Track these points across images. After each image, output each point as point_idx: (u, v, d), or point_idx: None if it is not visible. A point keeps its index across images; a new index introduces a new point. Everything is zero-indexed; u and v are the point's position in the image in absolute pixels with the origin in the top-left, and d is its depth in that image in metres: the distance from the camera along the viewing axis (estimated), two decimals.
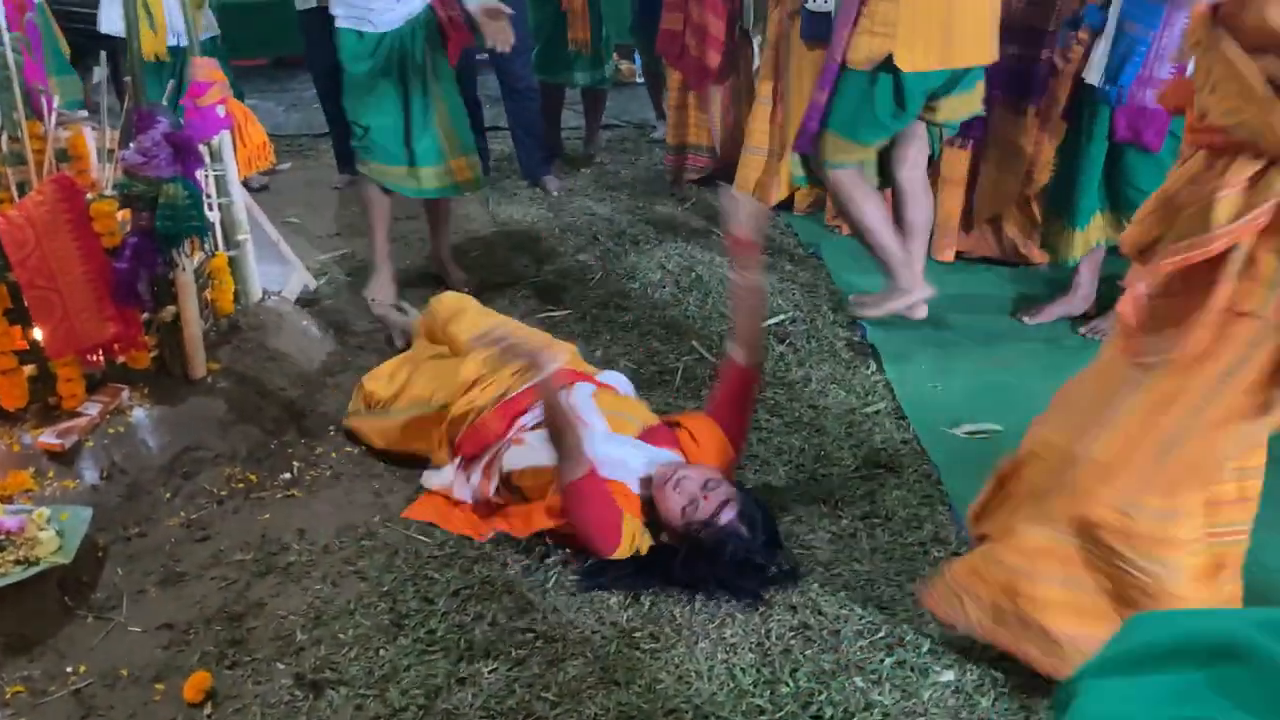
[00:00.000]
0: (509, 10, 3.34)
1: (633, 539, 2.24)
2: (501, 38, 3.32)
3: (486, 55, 3.96)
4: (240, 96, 4.44)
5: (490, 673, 1.99)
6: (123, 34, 4.11)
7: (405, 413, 2.69)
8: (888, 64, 2.95)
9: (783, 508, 2.47)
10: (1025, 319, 3.50)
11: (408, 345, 3.18)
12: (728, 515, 2.20)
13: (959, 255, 4.03)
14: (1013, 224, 3.97)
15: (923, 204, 3.34)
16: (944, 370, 3.13)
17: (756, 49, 4.66)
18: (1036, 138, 3.77)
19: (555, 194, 4.89)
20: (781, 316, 3.53)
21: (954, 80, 3.07)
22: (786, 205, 4.63)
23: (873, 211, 3.20)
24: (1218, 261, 1.62)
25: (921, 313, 3.31)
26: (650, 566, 2.24)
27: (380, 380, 2.80)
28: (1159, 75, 3.00)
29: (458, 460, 2.52)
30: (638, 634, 2.07)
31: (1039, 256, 3.95)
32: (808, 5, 4.13)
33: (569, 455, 2.20)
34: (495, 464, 2.44)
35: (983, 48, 3.06)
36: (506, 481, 2.44)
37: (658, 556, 2.26)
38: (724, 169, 4.85)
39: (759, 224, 2.42)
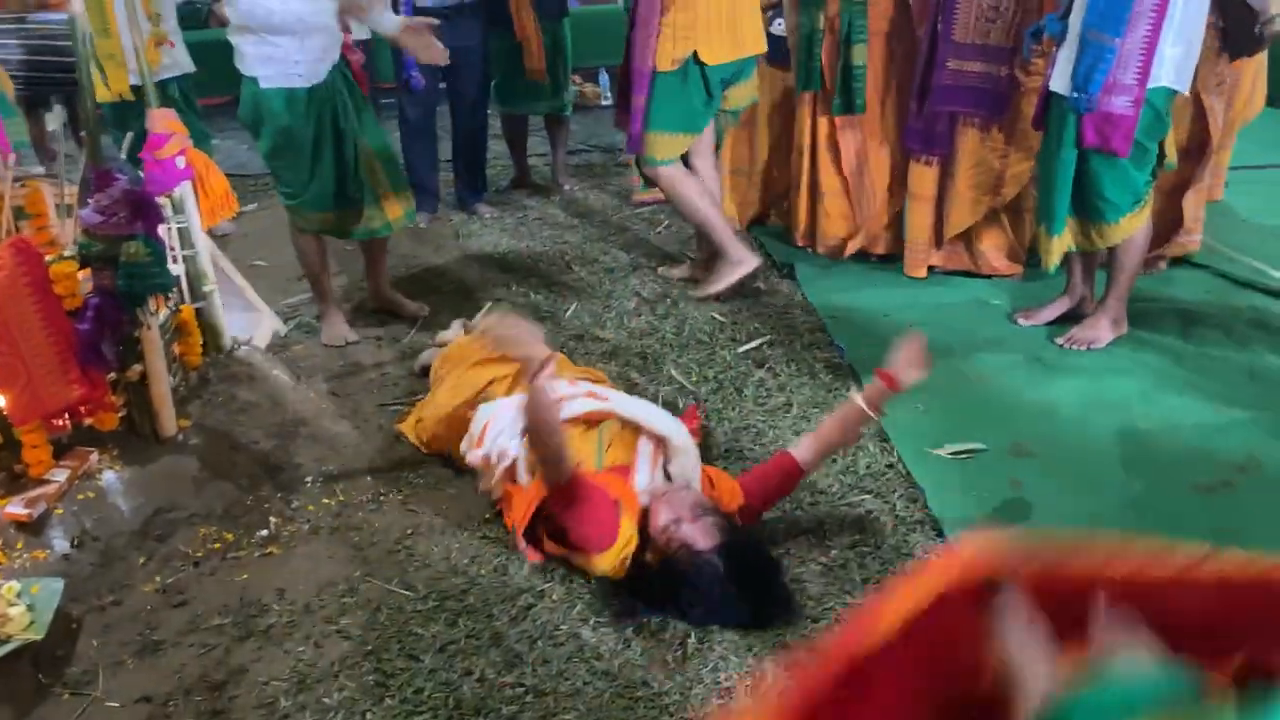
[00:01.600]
0: (432, 21, 3.27)
1: (627, 541, 2.23)
2: (430, 52, 3.26)
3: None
4: (205, 140, 4.41)
5: None
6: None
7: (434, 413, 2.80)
8: (690, 62, 3.54)
9: (772, 540, 2.44)
10: (1021, 320, 3.53)
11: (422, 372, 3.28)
12: (706, 544, 2.17)
13: (931, 270, 4.03)
14: (984, 237, 3.98)
15: (714, 182, 3.96)
16: (924, 389, 3.08)
17: None
18: (1003, 151, 3.80)
19: (488, 219, 4.93)
20: (759, 340, 3.50)
21: (740, 70, 3.72)
22: (758, 222, 4.62)
23: (700, 196, 3.79)
24: None
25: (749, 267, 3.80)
26: (635, 586, 2.23)
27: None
28: (1124, 81, 3.02)
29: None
30: (631, 683, 2.03)
31: (1010, 268, 3.97)
32: (771, 29, 4.15)
33: (553, 458, 2.20)
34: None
35: (759, 40, 3.76)
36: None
37: (634, 574, 2.25)
38: None
39: (915, 370, 2.47)
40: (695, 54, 3.53)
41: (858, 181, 4.16)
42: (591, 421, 2.52)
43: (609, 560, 2.25)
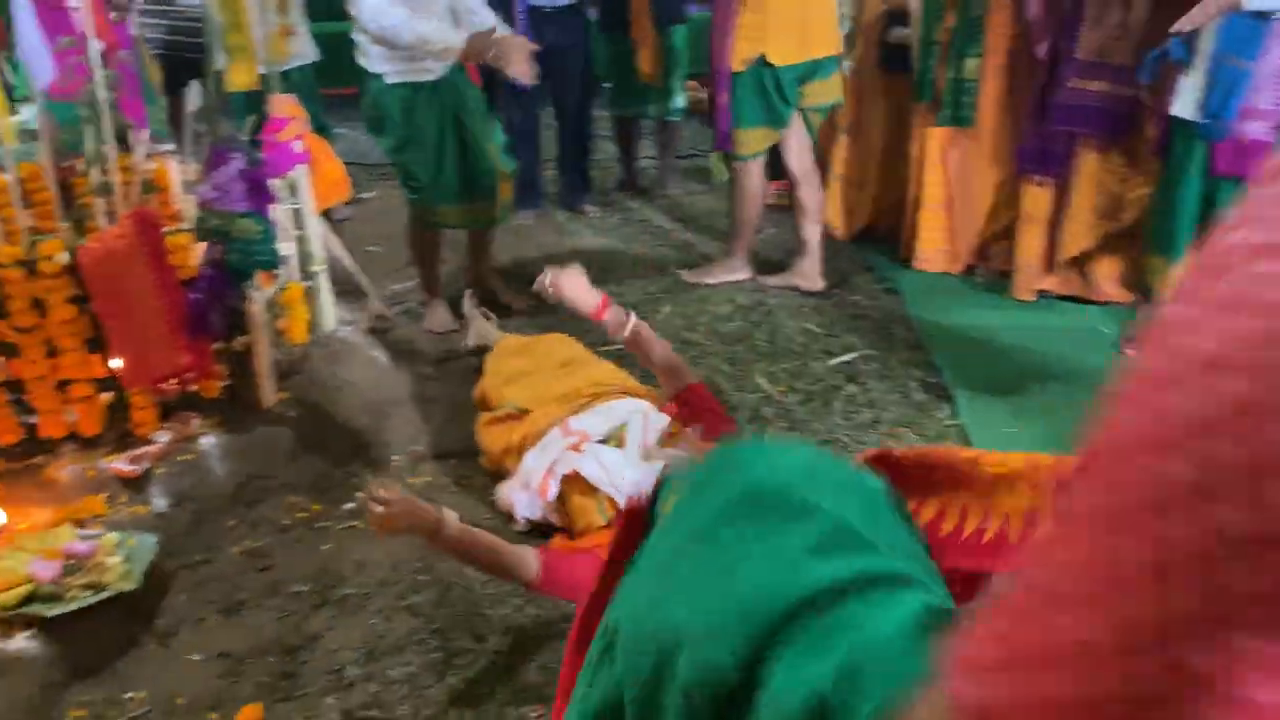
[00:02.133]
0: (532, 45, 3.25)
1: None
2: (523, 71, 3.20)
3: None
4: (324, 130, 4.58)
5: (538, 717, 1.96)
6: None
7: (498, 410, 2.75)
8: (760, 62, 3.65)
9: None
10: (1130, 351, 3.37)
11: (479, 349, 3.30)
12: None
13: (1041, 294, 3.90)
14: (1099, 262, 3.83)
15: (814, 184, 3.98)
16: (1021, 413, 3.02)
17: None
18: (1124, 175, 3.64)
19: (593, 218, 4.99)
20: (853, 354, 3.45)
21: (813, 70, 3.76)
22: (867, 231, 4.55)
23: (759, 199, 4.02)
24: None
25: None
26: None
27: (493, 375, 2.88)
28: (1260, 106, 2.87)
29: (518, 473, 2.51)
30: None
31: (1125, 296, 3.81)
32: (888, 38, 4.10)
33: (505, 568, 2.02)
34: (555, 468, 2.42)
35: (830, 42, 3.81)
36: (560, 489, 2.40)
37: None
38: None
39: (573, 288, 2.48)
40: (763, 56, 3.66)
41: (962, 197, 4.06)
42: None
43: None
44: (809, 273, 3.99)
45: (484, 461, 2.80)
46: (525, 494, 2.48)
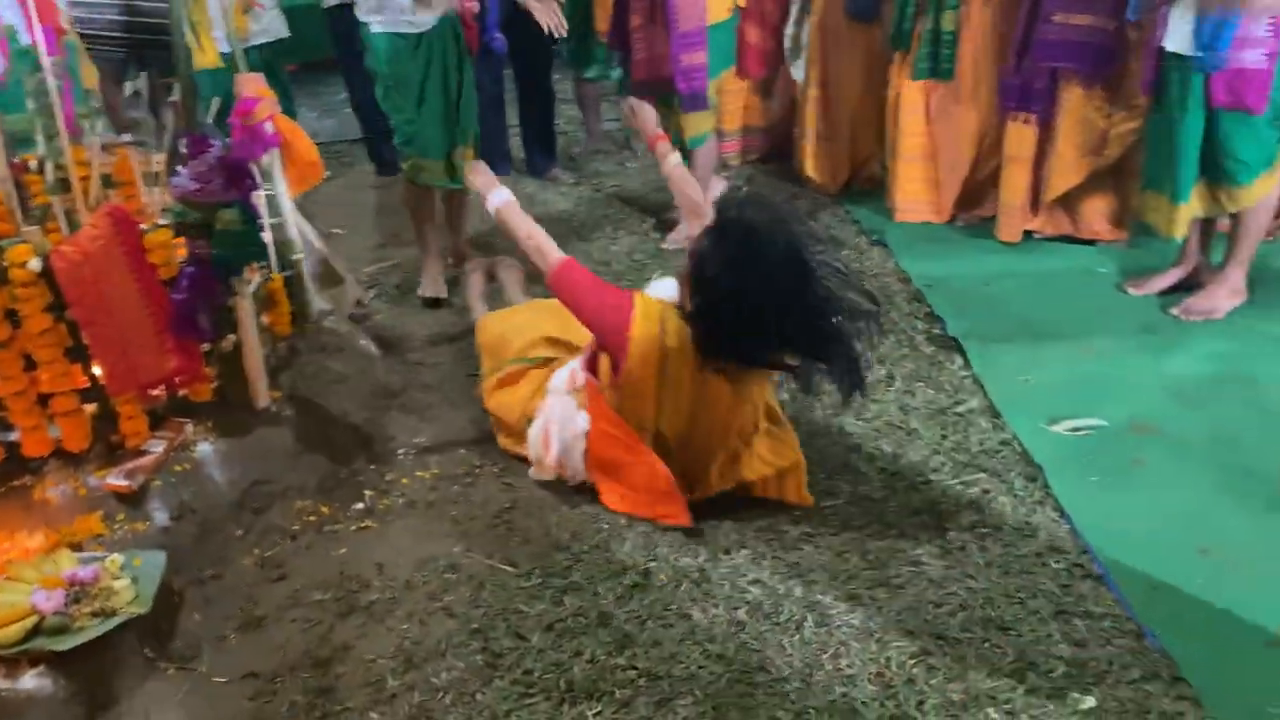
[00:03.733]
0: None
1: (648, 315, 2.26)
2: (554, 21, 3.49)
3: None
4: (291, 112, 4.39)
5: (595, 715, 1.88)
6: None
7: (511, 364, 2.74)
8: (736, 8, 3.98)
9: (884, 521, 2.34)
10: (1131, 290, 3.38)
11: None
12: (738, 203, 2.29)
13: (1031, 235, 3.86)
14: (1086, 200, 3.80)
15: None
16: (1034, 361, 2.98)
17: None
18: (1108, 110, 3.61)
19: (563, 183, 4.91)
20: None
21: None
22: (844, 191, 4.48)
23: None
24: None
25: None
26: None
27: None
28: (1256, 34, 2.84)
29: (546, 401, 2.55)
30: (748, 668, 1.95)
31: (1115, 234, 3.79)
32: None
33: (532, 252, 2.47)
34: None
35: None
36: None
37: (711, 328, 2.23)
38: (780, 147, 4.78)
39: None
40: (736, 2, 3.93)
41: (947, 145, 4.00)
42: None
43: (644, 330, 2.26)
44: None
45: (503, 440, 2.70)
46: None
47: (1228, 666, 1.90)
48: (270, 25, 4.20)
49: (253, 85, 2.77)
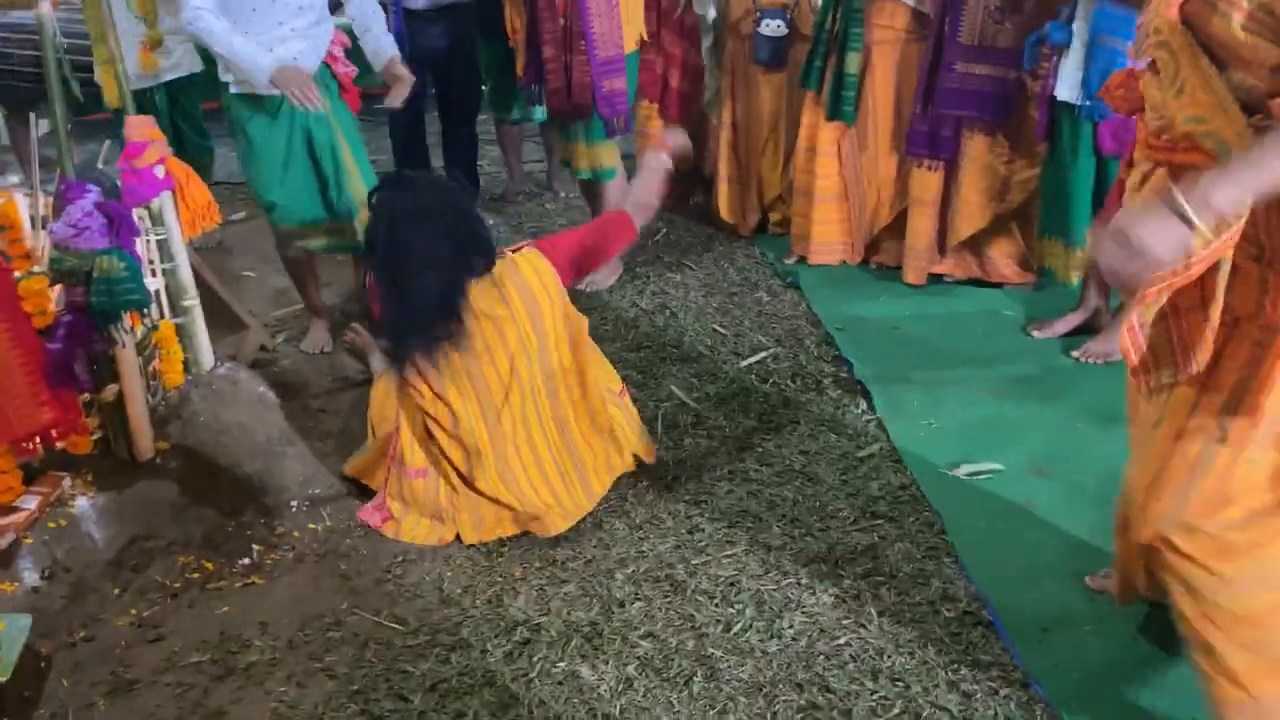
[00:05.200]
0: (410, 77, 3.29)
1: None
2: (396, 100, 3.34)
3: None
4: (209, 150, 4.33)
5: None
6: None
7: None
8: (642, 39, 3.91)
9: (781, 570, 2.32)
10: (1035, 333, 3.41)
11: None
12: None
13: (940, 278, 3.91)
14: (993, 244, 3.86)
15: None
16: (938, 404, 3.00)
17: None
18: (1010, 157, 3.67)
19: (487, 221, 4.81)
20: (763, 353, 3.38)
21: None
22: (761, 231, 4.51)
23: None
24: (1206, 277, 1.52)
25: None
26: None
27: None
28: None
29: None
30: None
31: (1022, 276, 3.85)
32: (760, 30, 4.06)
33: None
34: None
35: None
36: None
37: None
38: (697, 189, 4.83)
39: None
40: (642, 33, 3.91)
41: (855, 188, 4.05)
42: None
43: None
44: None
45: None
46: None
47: (1111, 715, 1.90)
48: (181, 61, 4.12)
49: (141, 128, 2.71)
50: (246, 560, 2.46)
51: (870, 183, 4.02)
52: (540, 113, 4.99)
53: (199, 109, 4.41)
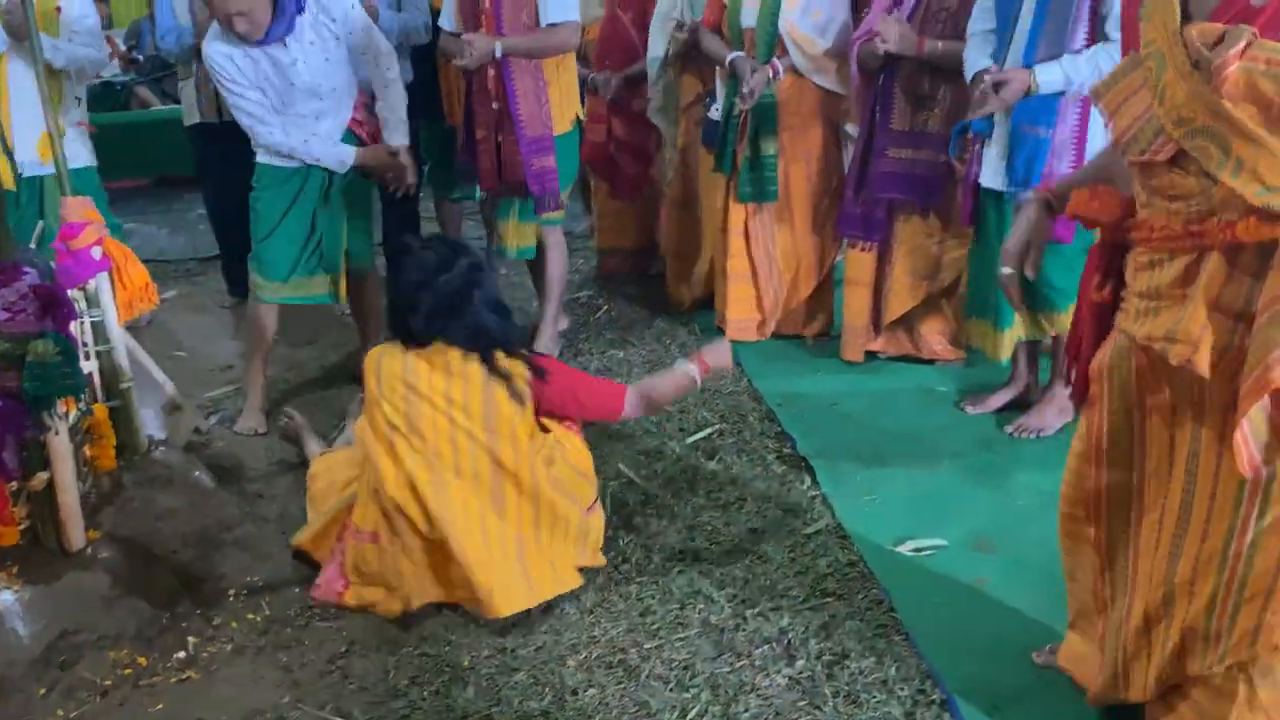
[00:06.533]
0: (410, 170, 3.56)
1: None
2: (403, 184, 3.62)
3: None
4: (117, 229, 4.19)
5: None
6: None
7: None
8: (578, 120, 4.00)
9: (735, 651, 2.31)
10: (969, 408, 3.49)
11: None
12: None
13: (874, 355, 4.00)
14: (925, 322, 3.97)
15: None
16: (880, 480, 3.05)
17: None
18: (940, 237, 3.81)
19: None
20: (709, 430, 3.41)
21: None
22: (705, 307, 4.58)
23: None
24: None
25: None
26: None
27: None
28: (1060, 170, 3.05)
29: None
30: None
31: (953, 353, 3.96)
32: (710, 114, 4.17)
33: None
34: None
35: None
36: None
37: None
38: (646, 266, 5.01)
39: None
40: (578, 114, 3.97)
41: (764, 267, 4.15)
42: None
43: None
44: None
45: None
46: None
47: None
48: (76, 153, 3.91)
49: (79, 209, 2.67)
50: (182, 654, 2.37)
51: (788, 260, 4.13)
52: (477, 191, 5.05)
53: (102, 192, 4.28)
